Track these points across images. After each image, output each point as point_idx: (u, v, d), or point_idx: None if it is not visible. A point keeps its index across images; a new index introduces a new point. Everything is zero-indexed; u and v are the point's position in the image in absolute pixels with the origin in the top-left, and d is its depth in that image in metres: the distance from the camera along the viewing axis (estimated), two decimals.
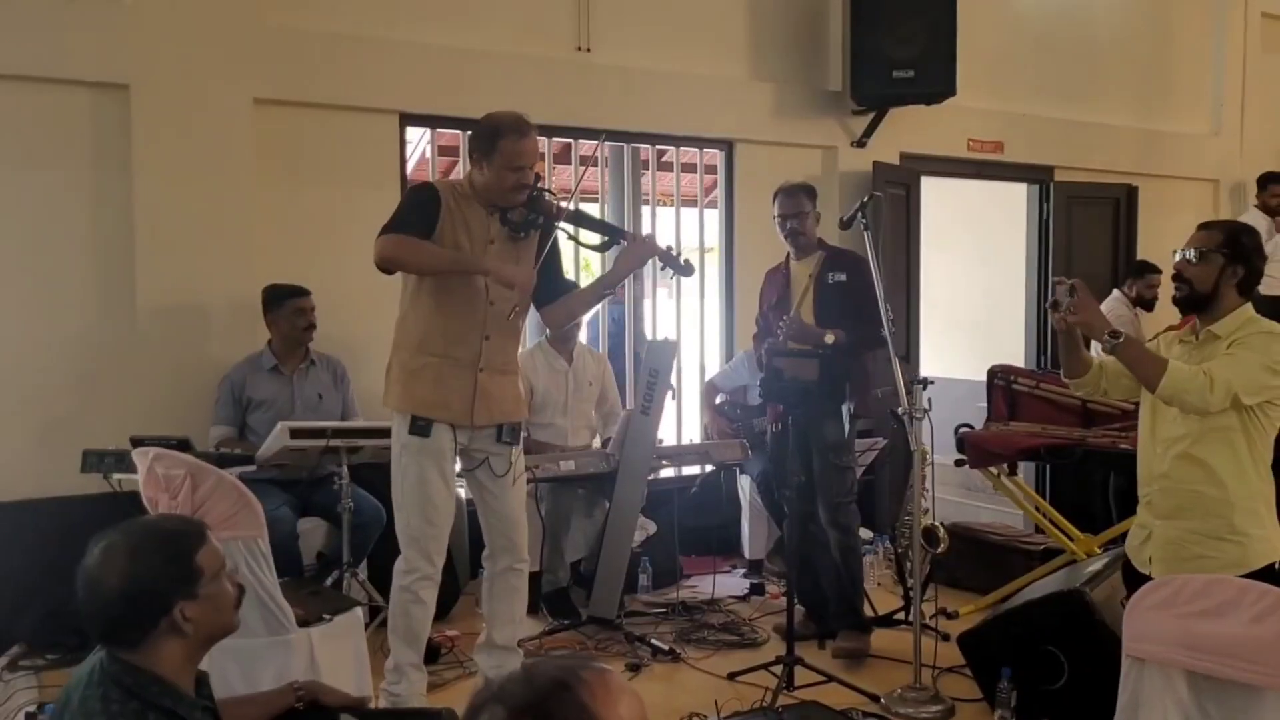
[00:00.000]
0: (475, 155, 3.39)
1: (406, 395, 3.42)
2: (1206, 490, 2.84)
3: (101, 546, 1.84)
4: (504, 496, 3.54)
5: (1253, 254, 2.91)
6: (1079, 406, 4.61)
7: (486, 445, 3.50)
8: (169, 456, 2.93)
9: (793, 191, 4.26)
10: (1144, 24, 7.57)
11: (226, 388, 4.45)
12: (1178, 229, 7.57)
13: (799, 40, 6.16)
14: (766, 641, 4.39)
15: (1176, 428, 2.90)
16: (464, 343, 3.41)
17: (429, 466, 3.41)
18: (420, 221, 3.33)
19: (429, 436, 3.40)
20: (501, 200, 3.39)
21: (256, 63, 4.66)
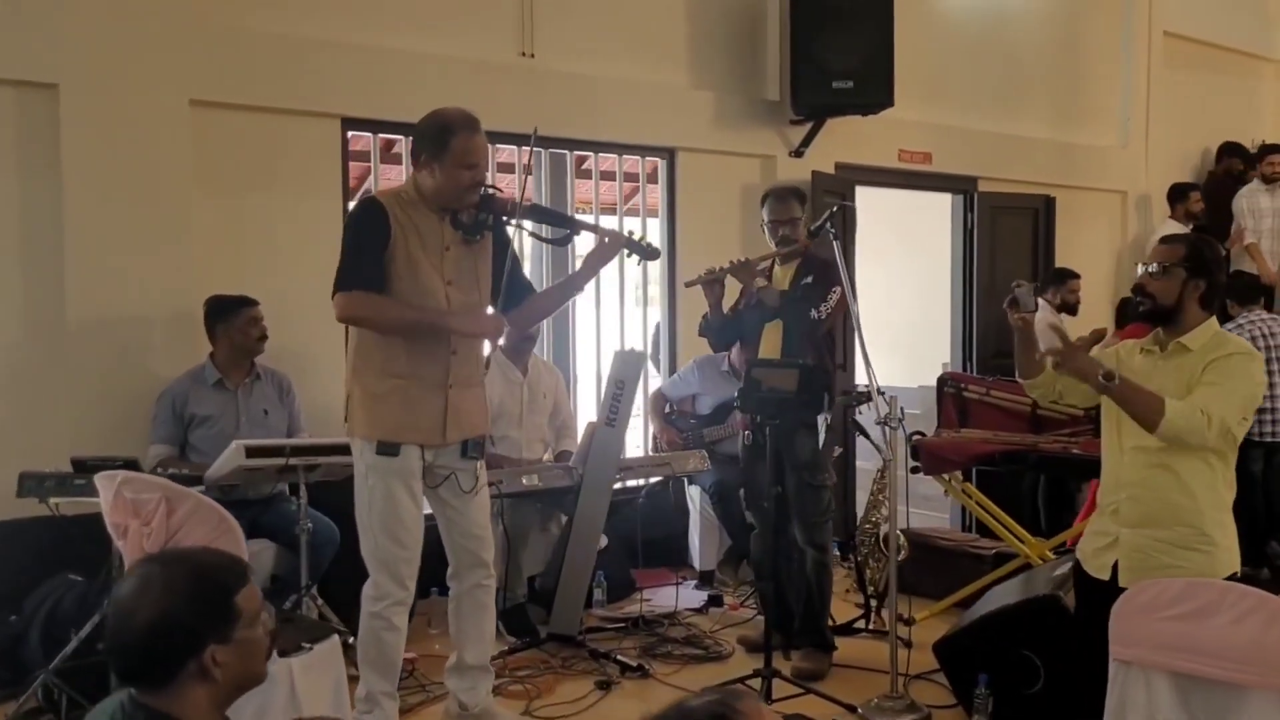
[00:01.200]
0: (423, 157, 3.25)
1: (373, 421, 3.27)
2: (1178, 499, 2.87)
3: (136, 575, 1.70)
4: (469, 512, 3.43)
5: (1215, 267, 2.94)
6: (1028, 413, 4.71)
7: (451, 461, 3.38)
8: (139, 480, 2.76)
9: (783, 195, 4.23)
10: (1058, 40, 7.82)
11: (166, 404, 4.23)
12: (1091, 238, 7.90)
13: (738, 49, 6.18)
14: (732, 654, 4.36)
15: (1148, 438, 2.92)
16: (431, 361, 3.29)
17: (397, 487, 3.27)
18: (374, 261, 3.19)
19: (398, 456, 3.26)
20: (455, 202, 3.27)
21: (193, 62, 4.44)
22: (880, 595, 4.56)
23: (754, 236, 6.19)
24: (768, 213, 4.22)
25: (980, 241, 7.28)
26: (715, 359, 5.55)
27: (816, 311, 3.93)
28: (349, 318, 3.26)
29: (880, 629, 4.55)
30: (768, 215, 4.22)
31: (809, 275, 4.04)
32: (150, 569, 1.72)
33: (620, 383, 4.12)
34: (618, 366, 4.21)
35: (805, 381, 3.54)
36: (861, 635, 4.52)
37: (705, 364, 5.49)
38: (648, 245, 3.50)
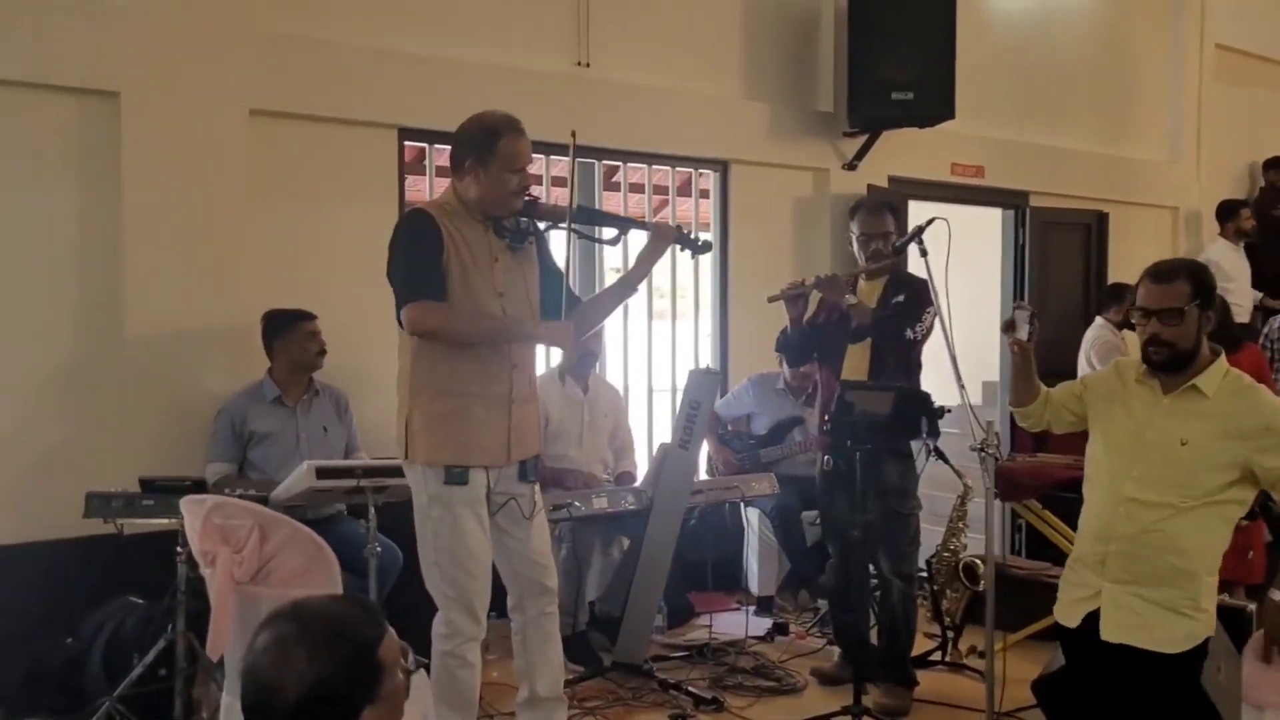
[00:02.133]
0: (468, 163, 3.10)
1: (437, 445, 3.10)
2: (1174, 562, 2.70)
3: (269, 640, 1.56)
4: (529, 539, 3.28)
5: (1214, 294, 2.78)
6: None
7: (510, 486, 3.22)
8: (230, 505, 2.64)
9: (876, 208, 4.08)
10: (1108, 52, 7.69)
11: (225, 421, 4.11)
12: (1143, 255, 7.71)
13: (791, 60, 6.07)
14: (805, 687, 4.21)
15: (1150, 491, 2.72)
16: (495, 377, 3.13)
17: (466, 516, 3.11)
18: (436, 272, 3.06)
19: (467, 484, 3.11)
20: (501, 209, 3.14)
21: (252, 71, 4.34)
22: (957, 626, 4.41)
23: (807, 250, 6.12)
24: (859, 226, 4.07)
25: (1032, 258, 7.14)
26: (770, 377, 5.43)
27: (912, 331, 3.79)
28: (423, 329, 3.05)
29: (957, 661, 4.40)
30: (858, 229, 4.07)
31: (900, 294, 3.90)
32: (284, 630, 1.58)
33: (695, 403, 3.98)
34: (692, 386, 4.07)
35: (900, 405, 3.40)
36: (938, 668, 4.37)
37: (760, 383, 5.37)
38: (700, 240, 3.35)
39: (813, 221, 6.13)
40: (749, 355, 5.80)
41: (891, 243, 4.00)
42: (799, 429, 5.23)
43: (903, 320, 3.80)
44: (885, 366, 3.85)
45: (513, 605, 3.35)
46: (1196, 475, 2.68)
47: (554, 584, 3.35)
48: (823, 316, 4.07)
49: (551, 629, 3.36)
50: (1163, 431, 2.72)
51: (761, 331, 5.86)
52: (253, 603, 2.59)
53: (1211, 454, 2.67)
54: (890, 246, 4.00)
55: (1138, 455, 2.75)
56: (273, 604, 2.59)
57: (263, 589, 2.56)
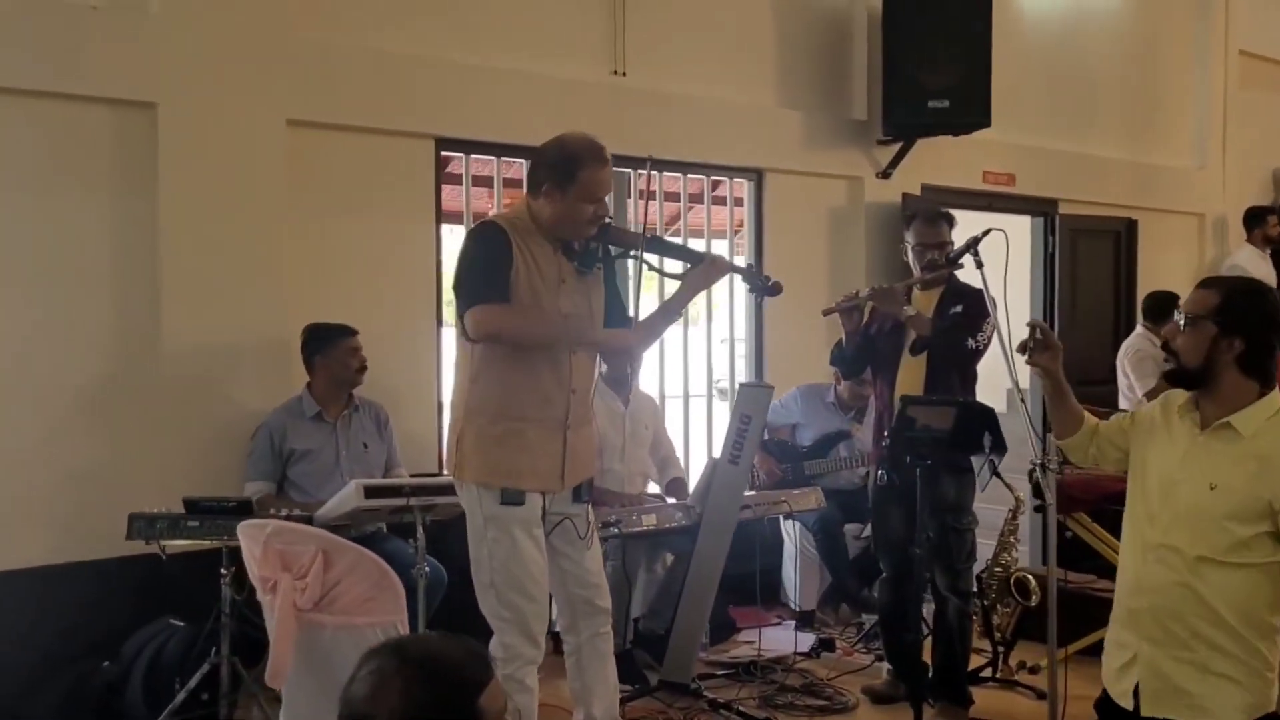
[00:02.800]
0: (546, 185, 3.02)
1: (490, 467, 3.02)
2: (1210, 621, 2.35)
3: (369, 670, 1.49)
4: (583, 560, 3.21)
5: (1258, 321, 2.38)
6: None
7: (564, 507, 3.16)
8: (291, 530, 2.55)
9: (933, 218, 4.00)
10: (1135, 59, 7.63)
11: (264, 438, 4.03)
12: (1171, 262, 7.68)
13: (825, 68, 6.00)
14: (857, 706, 4.12)
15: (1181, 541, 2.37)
16: (551, 402, 3.06)
17: (523, 537, 3.04)
18: (505, 279, 2.98)
19: (524, 505, 3.02)
20: (573, 233, 3.08)
21: (290, 81, 4.26)
22: (1008, 642, 4.32)
23: (842, 259, 6.04)
24: (915, 235, 3.99)
25: (1061, 265, 7.06)
26: (820, 389, 5.35)
27: (973, 341, 3.71)
28: (489, 330, 2.95)
29: (1008, 677, 4.31)
30: (915, 238, 3.99)
31: (958, 304, 3.82)
32: (385, 662, 1.50)
33: (746, 418, 3.89)
34: (744, 401, 3.99)
35: (962, 420, 3.32)
36: (989, 685, 4.28)
37: (809, 394, 5.28)
38: (770, 281, 3.25)
39: (847, 230, 6.05)
40: (784, 365, 5.72)
41: (947, 253, 3.91)
42: (844, 444, 5.15)
43: (963, 331, 3.72)
44: (942, 379, 3.77)
45: (566, 627, 3.28)
46: (1222, 524, 2.34)
47: (608, 604, 3.28)
48: (874, 328, 3.99)
49: (606, 649, 3.29)
50: (1193, 471, 2.40)
51: (796, 341, 5.81)
52: (315, 631, 2.50)
53: (1241, 501, 2.33)
54: (945, 256, 3.91)
55: (1167, 497, 2.44)
56: (336, 632, 2.54)
57: (326, 616, 2.47)
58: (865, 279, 5.99)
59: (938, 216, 4.00)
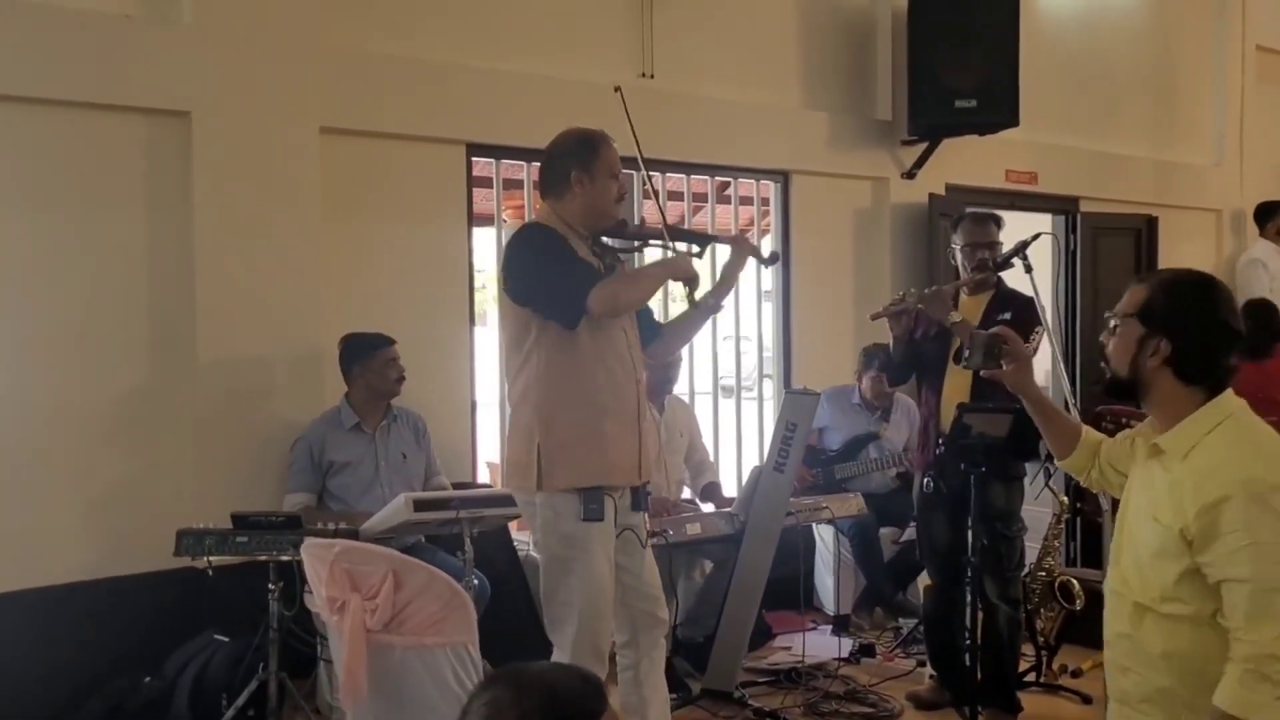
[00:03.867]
0: (574, 172, 2.99)
1: (574, 470, 2.91)
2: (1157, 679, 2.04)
3: (485, 700, 1.45)
4: (643, 572, 3.13)
5: (1190, 318, 2.03)
6: None
7: (626, 517, 3.07)
8: (359, 550, 2.52)
9: (983, 219, 3.96)
10: (1154, 56, 7.60)
11: (304, 449, 3.99)
12: (1189, 258, 7.64)
13: (849, 69, 5.97)
14: (902, 713, 4.09)
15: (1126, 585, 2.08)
16: (623, 392, 3.00)
17: (600, 557, 2.94)
18: (582, 263, 2.96)
19: (603, 520, 2.94)
20: (604, 218, 3.05)
21: (322, 88, 4.22)
22: (1052, 646, 4.30)
23: (868, 260, 6.02)
24: (964, 235, 3.96)
25: (1083, 264, 7.04)
26: (845, 391, 5.32)
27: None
28: (618, 306, 2.93)
29: (1052, 681, 4.29)
30: (964, 238, 3.95)
31: (1006, 311, 3.78)
32: (501, 693, 1.46)
33: (792, 425, 3.86)
34: (789, 407, 3.96)
35: (1018, 428, 3.29)
36: (1032, 689, 4.26)
37: (836, 396, 5.25)
38: (771, 253, 3.25)
39: (872, 231, 6.03)
40: (811, 366, 5.70)
41: (997, 253, 3.88)
42: (873, 445, 5.12)
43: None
44: (989, 385, 3.73)
45: (625, 641, 3.19)
46: (1155, 564, 2.01)
47: (665, 615, 3.23)
48: (920, 332, 3.95)
49: (661, 660, 3.24)
50: (1140, 502, 2.10)
51: (824, 343, 5.80)
52: (384, 651, 2.47)
53: (1165, 533, 1.99)
54: (995, 258, 3.88)
55: (1120, 533, 2.16)
56: (405, 652, 2.50)
57: (395, 637, 2.44)
58: (891, 280, 5.97)
59: (986, 217, 3.97)
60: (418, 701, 2.45)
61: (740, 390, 6.23)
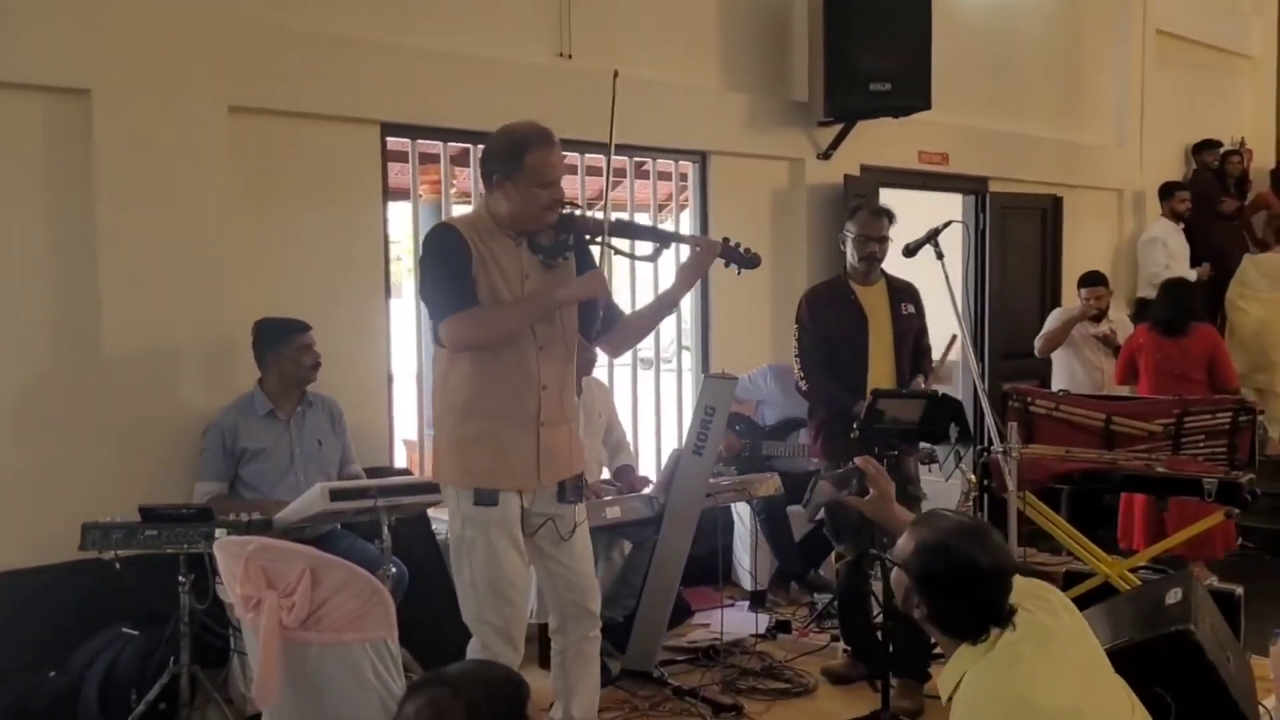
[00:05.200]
0: (496, 177, 2.98)
1: (463, 469, 3.01)
2: None
3: (422, 704, 1.48)
4: (573, 562, 3.19)
5: (939, 586, 2.07)
6: (1101, 428, 4.61)
7: (547, 507, 3.13)
8: (275, 548, 2.49)
9: (879, 212, 4.08)
10: (1062, 39, 7.79)
11: (215, 437, 3.91)
12: (1091, 236, 7.90)
13: (767, 50, 6.00)
14: (817, 687, 4.19)
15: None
16: (520, 399, 3.02)
17: (500, 539, 3.01)
18: (467, 282, 2.95)
19: (497, 505, 3.00)
20: (533, 224, 3.02)
21: (231, 66, 4.11)
22: None
23: (785, 240, 6.07)
24: (858, 226, 4.06)
25: (992, 242, 7.21)
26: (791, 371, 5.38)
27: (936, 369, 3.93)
28: (464, 341, 2.95)
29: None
30: (858, 228, 4.05)
31: (910, 303, 4.00)
32: (437, 693, 1.51)
33: (711, 409, 3.91)
34: (708, 392, 4.00)
35: (929, 412, 3.39)
36: (940, 661, 4.38)
37: (782, 374, 5.27)
38: (748, 252, 3.24)
39: (789, 212, 6.09)
40: (729, 344, 5.77)
41: (887, 247, 4.04)
42: (805, 430, 5.20)
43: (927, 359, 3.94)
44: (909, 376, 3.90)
45: (555, 627, 3.28)
46: None
47: (597, 607, 3.28)
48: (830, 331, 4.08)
49: (593, 653, 3.29)
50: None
51: (741, 321, 5.86)
52: (302, 648, 2.45)
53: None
54: (884, 250, 4.04)
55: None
56: (323, 649, 2.48)
57: (313, 634, 2.42)
58: (807, 259, 6.06)
59: (882, 211, 4.11)
60: (336, 697, 2.44)
61: (659, 363, 6.29)
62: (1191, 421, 4.47)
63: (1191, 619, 3.42)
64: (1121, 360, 5.74)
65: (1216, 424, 4.44)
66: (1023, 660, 2.02)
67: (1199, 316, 5.59)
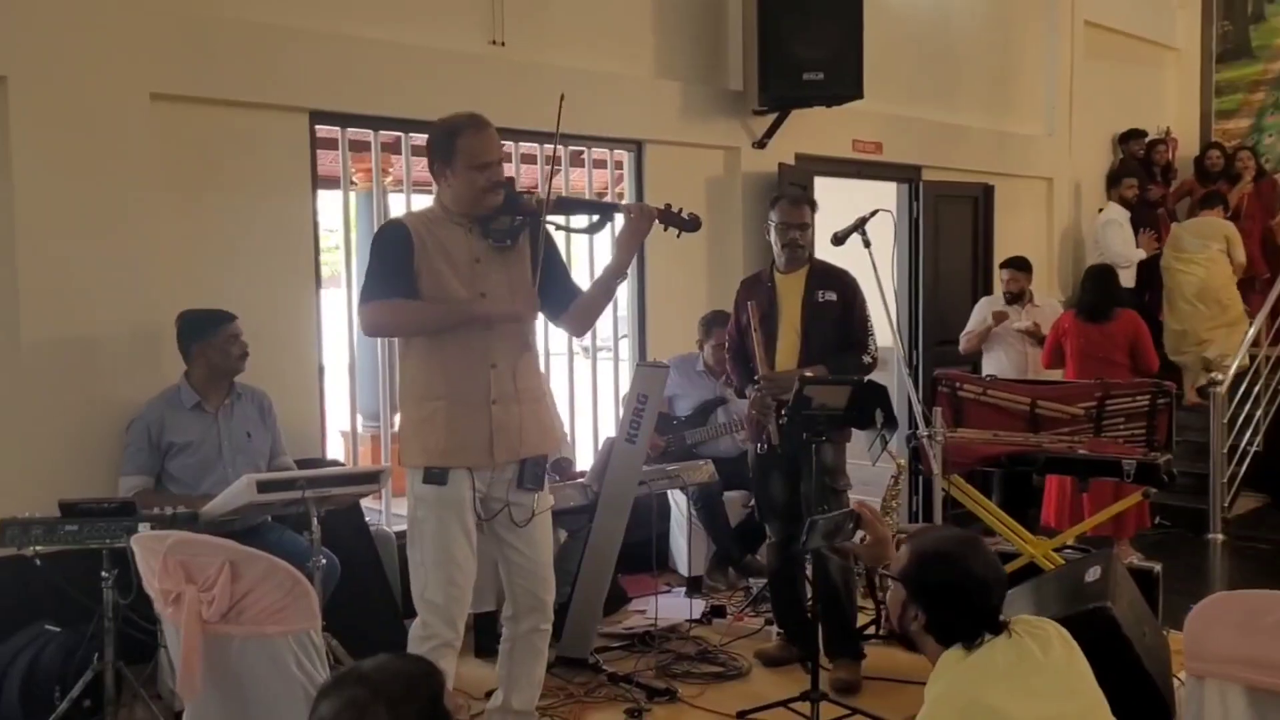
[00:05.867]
0: (437, 166, 3.11)
1: (420, 448, 3.10)
2: None
3: (342, 704, 1.48)
4: (529, 550, 3.23)
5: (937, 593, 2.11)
6: (1026, 412, 4.71)
7: (505, 492, 3.17)
8: (194, 541, 2.46)
9: (799, 200, 4.13)
10: (994, 30, 7.90)
11: (140, 430, 3.85)
12: (1022, 225, 8.03)
13: (702, 40, 6.02)
14: (751, 670, 4.24)
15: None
16: (469, 378, 3.10)
17: (449, 520, 3.08)
18: (399, 275, 3.04)
19: (445, 485, 3.07)
20: (477, 208, 3.09)
21: (153, 52, 4.04)
22: None
23: (721, 229, 6.10)
24: (779, 214, 4.10)
25: (925, 230, 7.31)
26: (690, 359, 5.44)
27: (870, 357, 3.96)
28: (374, 328, 3.19)
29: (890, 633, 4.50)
30: (779, 217, 4.09)
31: (830, 289, 4.01)
32: (355, 692, 1.51)
33: (643, 397, 3.93)
34: (640, 380, 4.02)
35: (856, 398, 3.44)
36: (873, 641, 4.46)
37: (682, 364, 5.35)
38: (689, 216, 3.28)
39: (725, 201, 6.13)
40: (665, 333, 5.79)
41: (808, 234, 4.08)
42: (721, 409, 5.25)
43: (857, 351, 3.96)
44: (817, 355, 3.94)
45: (509, 616, 3.32)
46: None
47: (550, 598, 3.31)
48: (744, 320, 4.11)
49: (542, 647, 3.34)
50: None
51: (677, 310, 5.88)
52: (224, 642, 2.43)
53: None
54: (806, 238, 4.08)
55: None
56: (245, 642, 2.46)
57: (234, 627, 2.40)
58: (743, 247, 6.10)
59: (802, 199, 4.17)
60: (260, 690, 2.43)
61: (596, 351, 6.31)
62: (1112, 404, 4.59)
63: (1109, 596, 3.52)
64: (1048, 345, 5.88)
65: (1136, 406, 4.57)
66: (995, 667, 2.07)
67: (1122, 302, 5.73)
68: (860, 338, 4.00)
